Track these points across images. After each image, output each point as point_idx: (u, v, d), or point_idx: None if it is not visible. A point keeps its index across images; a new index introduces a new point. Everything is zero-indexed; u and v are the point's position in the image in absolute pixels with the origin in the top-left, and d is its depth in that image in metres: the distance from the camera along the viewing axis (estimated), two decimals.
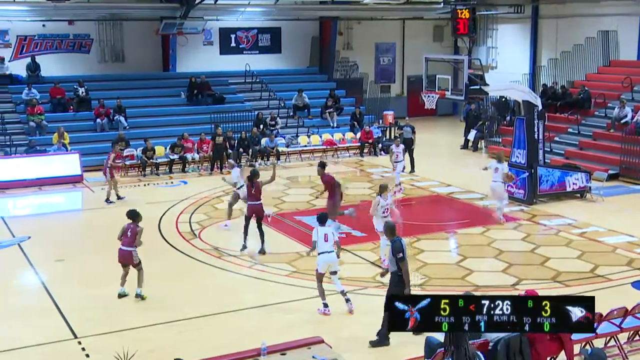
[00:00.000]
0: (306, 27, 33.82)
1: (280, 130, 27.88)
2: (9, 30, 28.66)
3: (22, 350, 10.86)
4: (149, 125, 26.91)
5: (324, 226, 12.13)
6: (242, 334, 11.05)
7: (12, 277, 14.56)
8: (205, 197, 20.83)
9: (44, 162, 23.24)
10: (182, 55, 31.18)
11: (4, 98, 26.97)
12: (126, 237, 12.65)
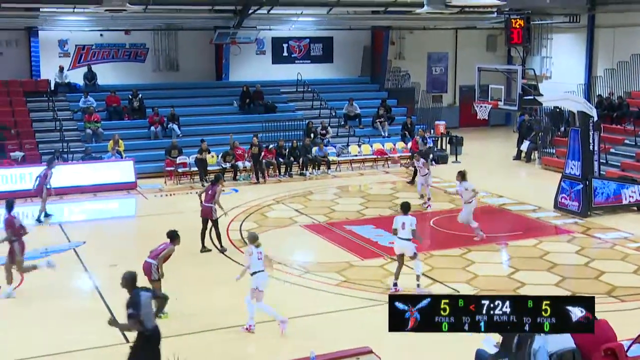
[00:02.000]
0: (358, 37, 33.87)
1: (331, 140, 27.93)
2: (69, 40, 29.41)
3: (75, 354, 11.07)
4: (201, 133, 27.17)
5: (405, 215, 13.17)
6: (291, 342, 11.07)
7: (67, 281, 14.87)
8: (255, 205, 20.96)
9: (100, 168, 23.72)
10: (235, 64, 31.52)
11: (62, 106, 27.61)
12: (155, 250, 12.53)
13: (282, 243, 17.25)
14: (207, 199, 16.47)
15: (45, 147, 24.88)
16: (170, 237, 12.69)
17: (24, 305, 13.10)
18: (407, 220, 13.27)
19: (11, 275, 13.56)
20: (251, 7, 28.10)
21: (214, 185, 16.72)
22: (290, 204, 21.16)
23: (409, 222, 13.22)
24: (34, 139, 25.50)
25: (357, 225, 18.43)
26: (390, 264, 15.18)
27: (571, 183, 19.15)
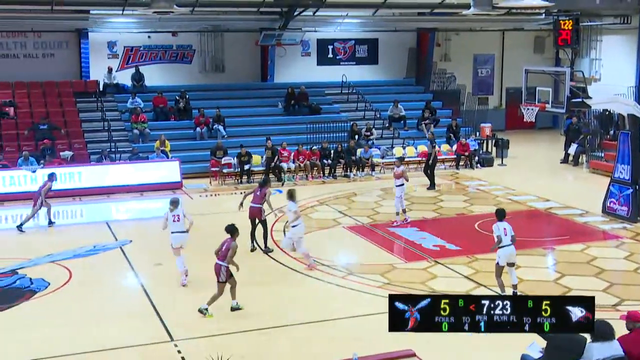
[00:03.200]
0: (403, 38, 33.74)
1: (375, 141, 27.87)
2: (117, 42, 29.89)
3: (121, 350, 11.22)
4: (246, 134, 27.40)
5: (502, 221, 12.92)
6: (333, 344, 11.06)
7: (114, 279, 15.10)
8: (299, 206, 20.94)
9: (146, 168, 24.02)
10: (280, 65, 31.67)
11: (110, 106, 28.06)
12: (221, 251, 12.62)
13: (325, 244, 17.26)
14: (255, 200, 16.53)
15: (94, 147, 25.31)
16: (229, 232, 12.79)
17: (72, 302, 13.33)
18: (507, 226, 13.02)
19: None
20: (297, 8, 28.20)
21: (262, 187, 16.73)
22: (334, 206, 21.17)
23: (509, 228, 13.02)
24: (82, 138, 25.96)
25: (400, 228, 18.33)
26: (434, 266, 15.10)
27: (620, 187, 18.78)
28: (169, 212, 14.23)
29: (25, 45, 28.86)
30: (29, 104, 27.25)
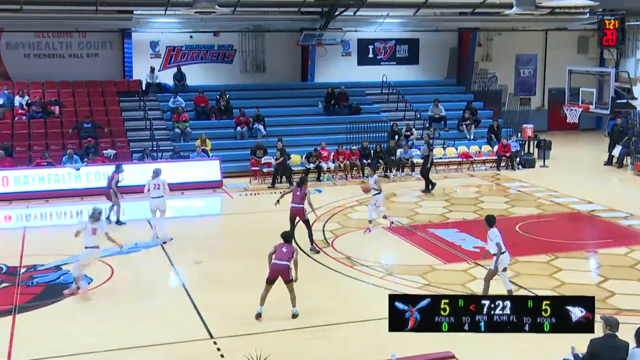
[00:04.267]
0: (445, 38, 33.54)
1: (415, 142, 27.75)
2: (160, 42, 30.24)
3: (161, 347, 11.34)
4: (286, 134, 27.45)
5: (493, 227, 12.73)
6: (371, 344, 11.04)
7: (155, 277, 15.27)
8: (339, 206, 21.02)
9: (187, 167, 24.24)
10: (320, 65, 31.71)
11: (152, 106, 28.39)
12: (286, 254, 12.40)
13: (364, 244, 17.25)
14: (296, 200, 16.53)
15: (136, 146, 25.63)
16: (285, 239, 12.64)
17: (114, 298, 13.50)
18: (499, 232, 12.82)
19: None
20: (338, 8, 28.20)
21: (300, 187, 16.69)
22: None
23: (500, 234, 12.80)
24: (125, 137, 26.31)
25: (440, 229, 18.24)
26: (474, 268, 14.99)
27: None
28: (150, 181, 16.19)
29: (70, 45, 29.36)
30: (73, 102, 27.71)
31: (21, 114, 26.45)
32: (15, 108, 26.61)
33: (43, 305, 13.12)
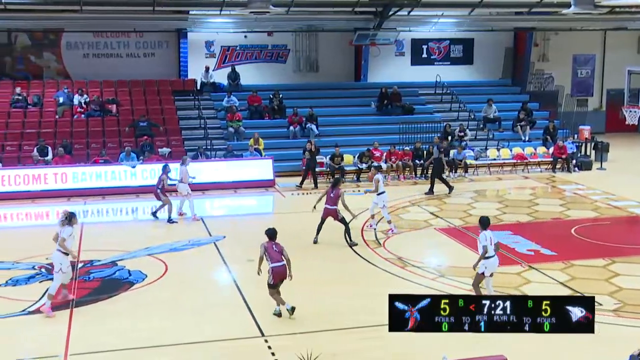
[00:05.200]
0: (500, 38, 33.16)
1: (469, 143, 27.49)
2: (215, 41, 30.58)
3: (213, 343, 11.46)
4: (338, 133, 27.51)
5: (486, 230, 12.25)
6: (422, 345, 10.95)
7: (207, 273, 15.44)
8: (390, 206, 20.90)
9: (240, 166, 24.45)
10: (373, 65, 31.65)
11: (207, 105, 28.72)
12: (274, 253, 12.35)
13: (416, 245, 17.15)
14: (330, 201, 16.68)
15: (190, 144, 25.96)
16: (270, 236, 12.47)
17: (167, 295, 13.69)
18: (492, 235, 12.42)
19: None
20: (392, 8, 28.11)
21: (334, 188, 16.81)
22: (426, 207, 21.00)
23: (494, 237, 12.42)
24: (180, 136, 26.66)
25: (493, 231, 17.93)
26: (528, 271, 14.78)
27: None
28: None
29: (127, 45, 29.90)
30: (130, 101, 28.20)
31: (80, 113, 27.04)
32: (74, 106, 27.21)
33: (99, 299, 13.38)
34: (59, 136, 25.56)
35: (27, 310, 12.71)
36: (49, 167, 23.25)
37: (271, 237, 12.46)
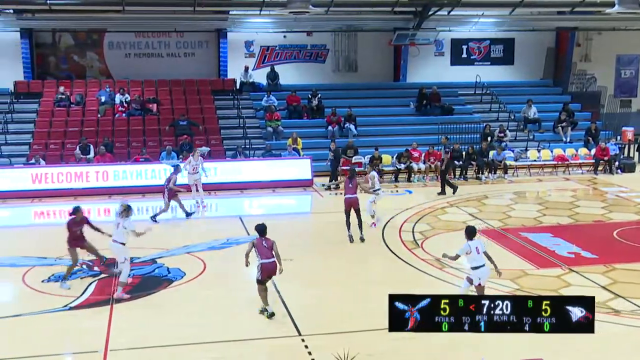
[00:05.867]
0: (541, 38, 32.79)
1: (509, 144, 27.22)
2: (254, 41, 30.74)
3: (251, 342, 11.51)
4: (377, 134, 27.46)
5: (472, 240, 11.93)
6: (460, 347, 10.87)
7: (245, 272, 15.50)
8: (429, 207, 20.84)
9: (278, 165, 24.55)
10: (413, 65, 31.53)
11: (246, 104, 28.89)
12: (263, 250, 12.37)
13: (454, 247, 16.98)
14: (349, 191, 17.15)
15: (229, 144, 26.13)
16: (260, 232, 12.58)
17: (205, 293, 13.79)
18: (480, 244, 11.97)
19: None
20: (432, 8, 27.96)
21: (351, 179, 17.31)
22: (465, 208, 20.85)
23: (482, 246, 11.97)
24: (219, 135, 26.86)
25: (533, 233, 17.81)
26: (569, 274, 14.58)
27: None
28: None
29: (168, 44, 30.22)
30: (170, 101, 28.50)
31: (121, 112, 27.41)
32: (115, 105, 27.59)
33: (139, 296, 13.53)
34: (101, 135, 25.93)
35: (69, 306, 12.91)
36: (91, 165, 23.61)
37: (261, 233, 12.47)
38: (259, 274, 12.30)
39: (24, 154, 25.01)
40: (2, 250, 16.72)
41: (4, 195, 22.59)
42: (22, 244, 17.46)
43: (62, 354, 11.17)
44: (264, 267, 12.27)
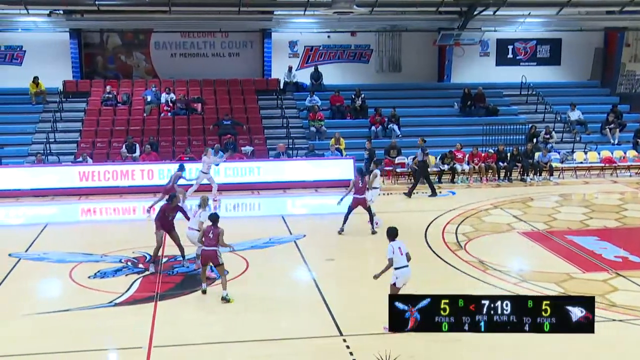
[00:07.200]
0: (589, 38, 32.28)
1: (554, 145, 26.85)
2: (298, 41, 30.84)
3: (293, 341, 11.54)
4: (421, 134, 27.25)
5: (395, 240, 11.84)
6: (500, 351, 10.76)
7: (287, 271, 15.58)
8: (472, 208, 20.67)
9: (321, 165, 24.58)
10: (457, 65, 31.30)
11: (289, 104, 28.99)
12: (208, 239, 13.14)
13: (498, 249, 16.85)
14: (359, 191, 17.59)
15: (273, 143, 26.25)
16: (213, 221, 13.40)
17: (248, 291, 13.87)
18: (402, 245, 11.83)
19: None
20: (477, 8, 27.72)
21: (363, 178, 17.76)
22: (509, 210, 20.63)
23: (404, 247, 11.83)
24: (262, 134, 27.00)
25: (579, 236, 17.53)
26: (615, 279, 14.32)
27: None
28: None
29: (213, 44, 30.50)
30: (214, 100, 28.75)
31: (167, 111, 27.73)
32: (161, 105, 27.94)
33: (182, 294, 13.67)
34: (146, 134, 26.28)
35: (114, 302, 13.11)
36: (136, 164, 23.95)
37: (214, 222, 13.36)
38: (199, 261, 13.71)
39: (72, 152, 25.47)
40: (50, 246, 17.06)
41: (52, 193, 23.06)
42: (69, 240, 17.78)
43: (108, 349, 11.34)
44: (202, 254, 13.36)
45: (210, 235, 13.20)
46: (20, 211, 22.17)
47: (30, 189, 23.00)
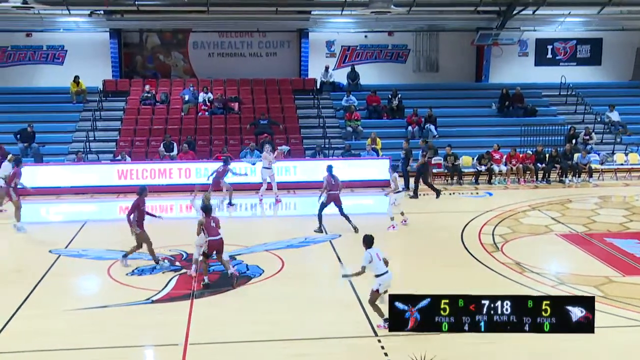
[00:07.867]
0: (631, 38, 31.79)
1: (594, 147, 26.48)
2: (335, 41, 30.86)
3: (328, 341, 11.55)
4: (457, 134, 27.16)
5: (371, 247, 11.86)
6: (537, 356, 10.64)
7: (322, 271, 15.60)
8: (510, 210, 20.48)
9: (357, 165, 24.55)
10: (495, 65, 31.05)
11: (326, 104, 29.01)
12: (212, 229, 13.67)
13: (536, 251, 16.67)
14: (334, 188, 18.06)
15: (309, 143, 26.30)
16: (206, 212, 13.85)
17: (284, 290, 13.92)
18: (379, 252, 11.90)
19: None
20: (516, 7, 27.45)
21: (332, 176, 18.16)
22: (547, 212, 20.40)
23: (381, 253, 11.89)
24: (299, 134, 27.07)
25: (619, 239, 17.27)
26: None
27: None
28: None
29: (250, 44, 30.66)
30: (251, 99, 28.90)
31: (204, 110, 27.95)
32: (199, 104, 28.16)
33: (218, 292, 13.77)
34: (184, 132, 26.51)
35: (151, 299, 13.25)
36: (174, 162, 24.17)
37: (208, 213, 13.78)
38: (206, 248, 13.74)
39: (111, 150, 25.81)
40: (89, 243, 17.31)
41: (91, 190, 23.40)
42: (107, 237, 18.01)
43: (145, 345, 11.47)
44: (211, 244, 13.69)
45: (212, 224, 13.66)
46: (60, 208, 22.54)
47: (70, 186, 23.37)
